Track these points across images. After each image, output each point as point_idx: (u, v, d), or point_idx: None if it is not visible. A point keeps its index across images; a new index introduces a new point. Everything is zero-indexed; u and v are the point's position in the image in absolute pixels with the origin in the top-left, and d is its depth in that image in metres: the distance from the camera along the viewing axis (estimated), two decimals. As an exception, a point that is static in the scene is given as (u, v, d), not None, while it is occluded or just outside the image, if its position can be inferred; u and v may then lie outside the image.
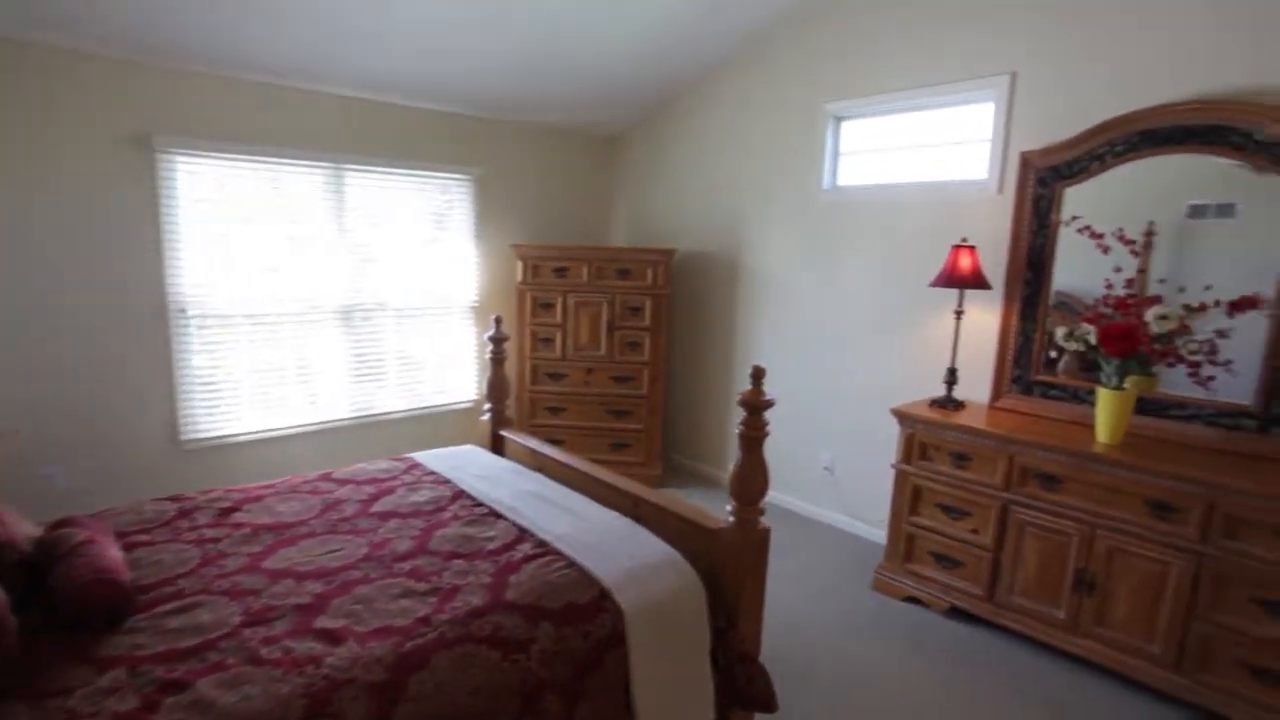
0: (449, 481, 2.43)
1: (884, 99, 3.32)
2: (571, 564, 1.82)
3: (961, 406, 2.90)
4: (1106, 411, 2.41)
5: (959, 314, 2.90)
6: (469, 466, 2.56)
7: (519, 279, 4.07)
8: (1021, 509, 2.54)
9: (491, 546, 1.93)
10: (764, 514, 1.91)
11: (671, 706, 1.75)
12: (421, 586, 1.70)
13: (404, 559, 1.85)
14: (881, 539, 3.08)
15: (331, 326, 3.75)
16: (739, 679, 1.87)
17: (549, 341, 4.11)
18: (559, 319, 4.07)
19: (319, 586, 1.68)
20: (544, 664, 1.55)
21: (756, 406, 1.80)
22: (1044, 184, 2.78)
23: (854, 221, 3.49)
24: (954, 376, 2.93)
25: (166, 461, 3.34)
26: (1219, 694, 2.16)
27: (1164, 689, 2.25)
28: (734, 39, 3.75)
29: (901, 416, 2.84)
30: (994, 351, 2.96)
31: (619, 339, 4.05)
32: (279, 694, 1.30)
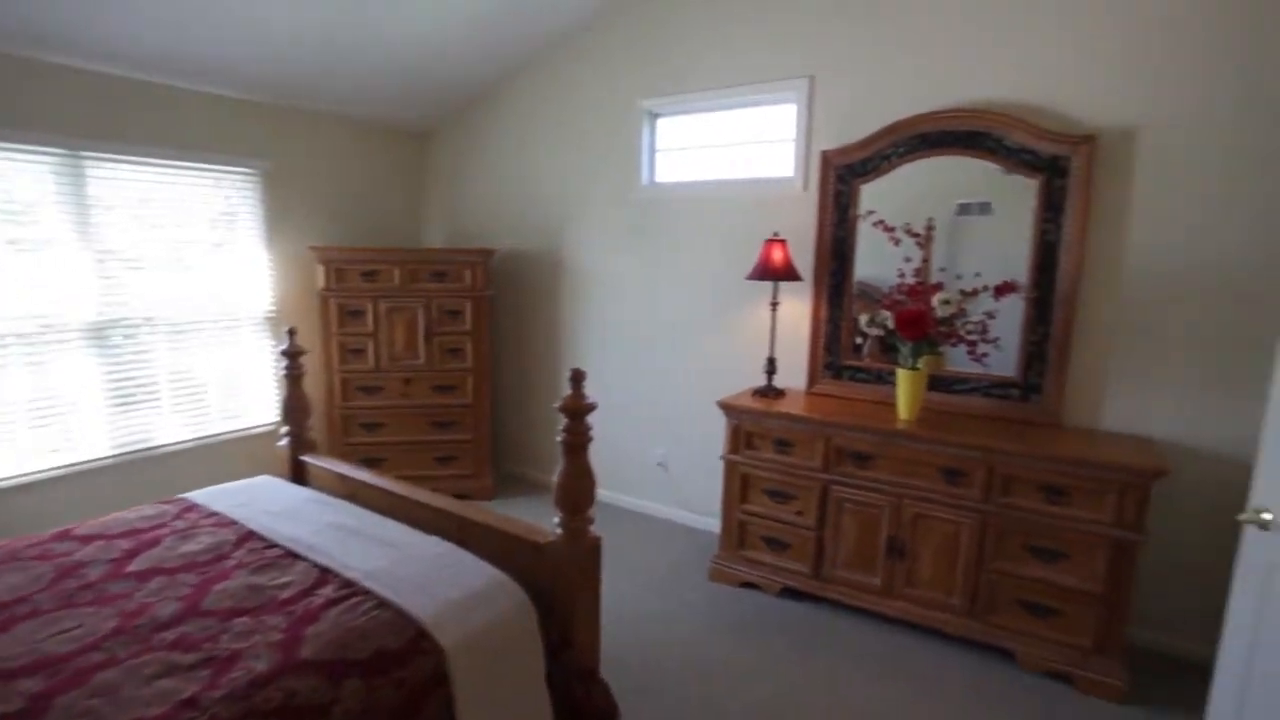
0: (235, 523, 2.08)
1: (696, 97, 3.38)
2: (383, 604, 1.61)
3: (782, 394, 3.03)
4: (905, 390, 2.61)
5: (775, 305, 3.02)
6: (261, 502, 2.22)
7: (321, 285, 3.66)
8: (839, 487, 2.69)
9: (285, 595, 1.66)
10: (594, 522, 1.82)
11: (506, 743, 1.61)
12: (189, 659, 1.41)
13: (167, 626, 1.53)
14: (717, 529, 3.14)
15: (81, 348, 3.11)
16: (577, 695, 1.78)
17: (360, 352, 3.74)
18: (370, 327, 3.72)
19: (37, 684, 1.32)
20: (350, 727, 1.34)
21: (578, 411, 1.70)
22: (843, 181, 2.97)
23: (673, 217, 3.53)
24: (773, 366, 3.05)
25: None
26: (1004, 632, 2.43)
27: (964, 635, 2.50)
28: (548, 34, 3.64)
29: (727, 408, 2.90)
30: (808, 340, 3.12)
31: (438, 345, 3.78)
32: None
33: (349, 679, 1.40)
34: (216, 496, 2.28)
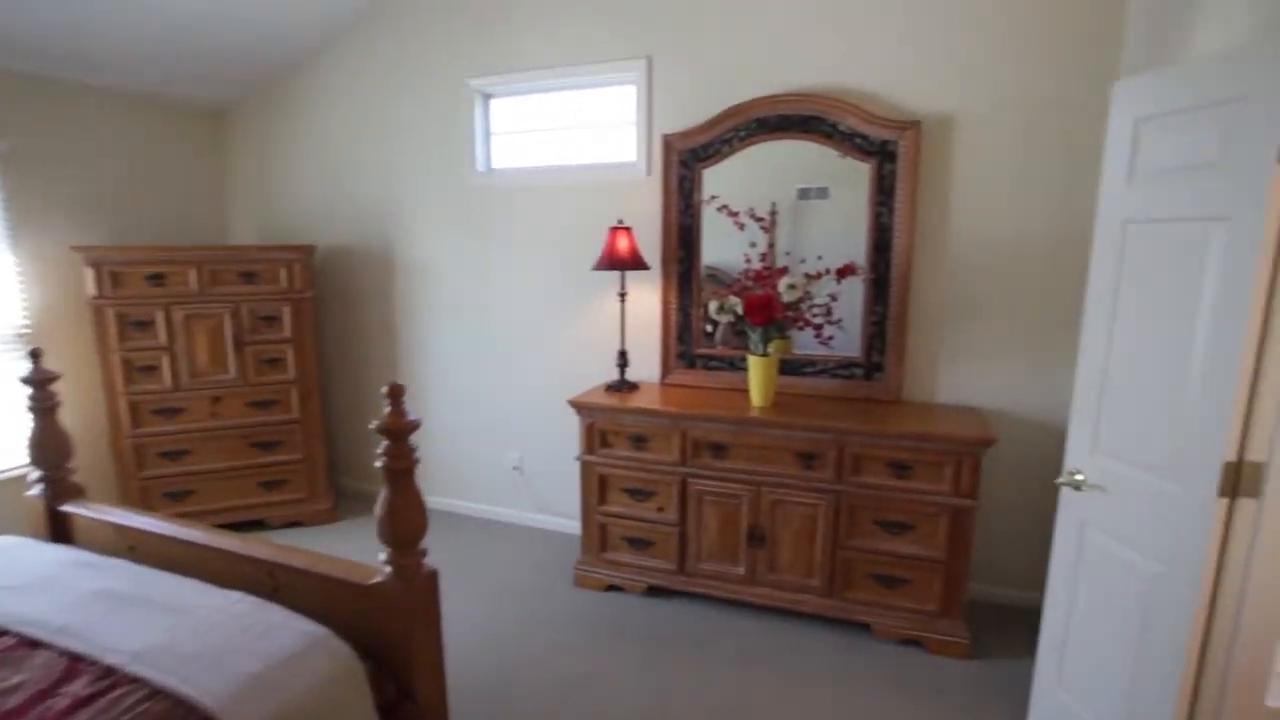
0: (-49, 606, 1.62)
1: (531, 77, 3.16)
2: (156, 693, 1.29)
3: (635, 388, 2.92)
4: (756, 377, 2.59)
5: (623, 296, 2.90)
6: (-4, 573, 1.75)
7: (93, 292, 3.05)
8: (698, 480, 2.62)
9: (14, 702, 1.28)
10: (427, 554, 1.59)
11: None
12: None
13: None
14: (579, 531, 2.99)
15: None
16: (423, 756, 1.55)
17: (152, 369, 3.17)
18: (163, 339, 3.16)
19: None
20: None
21: (399, 431, 1.46)
22: (686, 166, 2.89)
23: (513, 206, 3.29)
24: (625, 359, 2.93)
25: None
26: (860, 606, 2.49)
27: (825, 613, 2.53)
28: (357, -3, 3.24)
29: (579, 407, 2.75)
30: (659, 330, 3.03)
31: (252, 356, 3.30)
32: None
33: (103, 803, 1.09)
34: (-68, 571, 1.78)
